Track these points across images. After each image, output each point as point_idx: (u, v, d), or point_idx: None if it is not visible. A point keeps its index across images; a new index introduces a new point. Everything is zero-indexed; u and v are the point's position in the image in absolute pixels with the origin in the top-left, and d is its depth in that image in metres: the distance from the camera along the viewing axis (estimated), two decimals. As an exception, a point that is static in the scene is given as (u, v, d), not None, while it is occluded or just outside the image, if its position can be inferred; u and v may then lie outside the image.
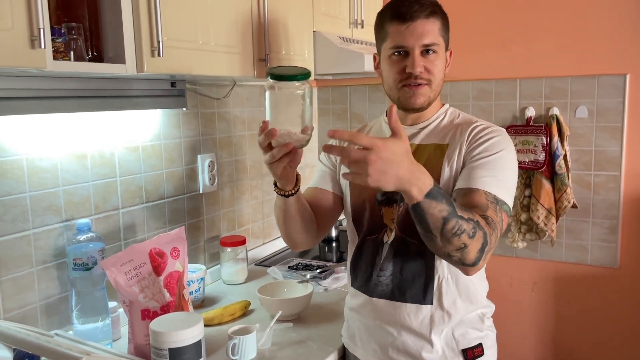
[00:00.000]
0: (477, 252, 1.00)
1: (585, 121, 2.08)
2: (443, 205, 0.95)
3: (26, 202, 1.30)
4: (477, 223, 0.99)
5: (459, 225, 0.96)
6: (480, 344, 1.21)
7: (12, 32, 0.91)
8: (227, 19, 1.41)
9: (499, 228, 1.05)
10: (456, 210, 0.97)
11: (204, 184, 1.85)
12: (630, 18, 1.98)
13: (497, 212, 1.05)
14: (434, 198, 0.95)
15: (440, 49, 1.17)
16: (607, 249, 2.11)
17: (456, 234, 0.97)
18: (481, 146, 1.13)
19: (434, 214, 0.95)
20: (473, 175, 1.10)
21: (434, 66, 1.16)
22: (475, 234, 0.98)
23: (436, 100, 1.24)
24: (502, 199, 1.08)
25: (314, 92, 2.58)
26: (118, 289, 1.23)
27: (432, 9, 1.15)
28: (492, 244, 1.02)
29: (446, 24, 1.19)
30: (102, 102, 1.37)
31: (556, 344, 2.26)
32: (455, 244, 0.98)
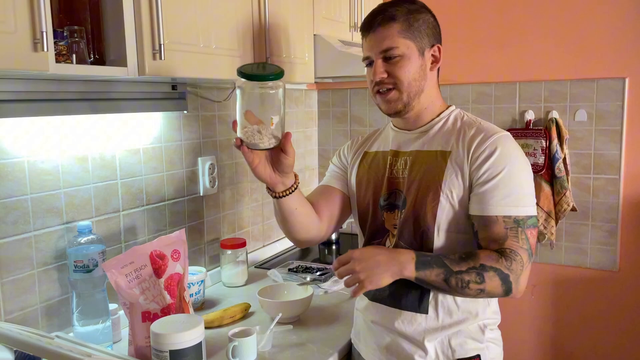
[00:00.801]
0: (501, 286, 1.08)
1: (585, 124, 2.09)
2: (436, 270, 1.07)
3: (27, 204, 1.30)
4: (482, 267, 1.06)
5: (460, 279, 1.06)
6: (479, 355, 1.18)
7: (14, 35, 0.92)
8: (228, 22, 1.41)
9: (523, 251, 1.09)
10: (451, 267, 1.07)
11: (204, 186, 1.86)
12: (629, 22, 1.99)
13: (518, 236, 1.09)
14: (424, 267, 1.07)
15: (406, 50, 1.15)
16: (606, 252, 2.11)
17: (463, 287, 1.07)
18: (485, 164, 1.11)
19: (433, 280, 1.07)
20: (486, 199, 1.10)
21: (398, 69, 1.15)
22: (483, 278, 1.06)
23: (431, 101, 1.22)
24: (523, 216, 1.10)
25: (314, 94, 2.59)
26: (119, 291, 1.24)
27: (390, 15, 1.15)
28: (516, 271, 1.08)
29: (414, 24, 1.16)
30: (103, 105, 1.38)
31: (555, 347, 2.26)
32: (469, 293, 1.08)
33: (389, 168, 1.25)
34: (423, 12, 1.20)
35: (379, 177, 1.26)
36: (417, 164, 1.20)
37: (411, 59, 1.16)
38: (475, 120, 1.22)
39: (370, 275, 1.07)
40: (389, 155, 1.26)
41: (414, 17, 1.17)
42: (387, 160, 1.26)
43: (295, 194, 1.21)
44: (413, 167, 1.20)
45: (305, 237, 1.31)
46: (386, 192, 1.24)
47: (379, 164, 1.28)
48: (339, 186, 1.35)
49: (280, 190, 1.19)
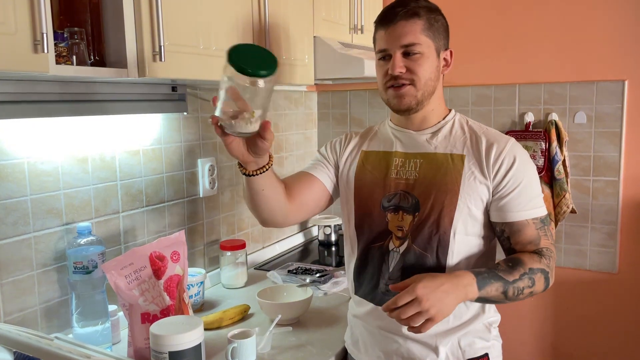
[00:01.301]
0: (544, 283, 1.15)
1: (584, 127, 2.09)
2: (495, 285, 1.09)
3: (27, 205, 1.30)
4: (531, 271, 1.12)
5: (516, 288, 1.10)
6: (487, 354, 1.21)
7: (15, 36, 0.92)
8: (228, 24, 1.42)
9: (553, 246, 1.19)
10: (506, 278, 1.10)
11: (204, 187, 1.86)
12: (628, 24, 1.99)
13: (547, 233, 1.18)
14: (484, 285, 1.08)
15: (427, 49, 1.16)
16: (605, 254, 2.11)
17: (519, 294, 1.11)
18: (508, 175, 1.15)
19: (494, 295, 1.09)
20: (514, 206, 1.16)
21: (418, 66, 1.15)
22: (533, 281, 1.12)
23: (438, 103, 1.23)
24: (544, 215, 1.18)
25: (314, 96, 2.59)
26: (118, 292, 1.24)
27: (414, 11, 1.15)
28: (552, 266, 1.16)
29: (436, 25, 1.18)
30: (103, 106, 1.38)
31: (555, 349, 2.26)
32: (522, 298, 1.13)
33: (395, 169, 1.23)
34: (440, 14, 1.22)
35: (382, 178, 1.24)
36: (430, 166, 1.20)
37: (430, 58, 1.17)
38: (481, 127, 1.24)
39: (441, 308, 1.01)
40: (394, 157, 1.25)
41: (435, 17, 1.19)
42: (393, 160, 1.24)
43: (266, 173, 1.15)
44: (426, 169, 1.20)
45: (268, 218, 1.26)
46: (391, 193, 1.22)
47: (382, 164, 1.26)
48: (320, 177, 1.32)
49: (252, 169, 1.13)
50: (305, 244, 2.45)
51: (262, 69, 0.95)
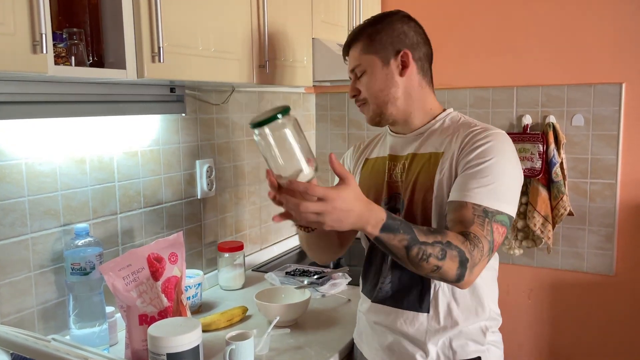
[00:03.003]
0: (457, 269, 1.02)
1: (582, 129, 2.10)
2: (402, 236, 1.00)
3: (25, 206, 1.30)
4: (447, 244, 1.01)
5: (422, 250, 1.00)
6: (479, 357, 1.19)
7: (14, 37, 0.92)
8: (227, 25, 1.42)
9: (486, 241, 1.05)
10: (417, 237, 1.01)
11: (202, 189, 1.86)
12: (626, 27, 2.00)
13: (484, 226, 1.05)
14: (390, 231, 1.00)
15: (369, 66, 1.21)
16: (603, 257, 2.12)
17: (422, 259, 1.01)
18: (473, 152, 1.11)
19: (394, 245, 1.01)
20: (464, 186, 1.09)
21: (362, 85, 1.24)
22: (445, 255, 1.01)
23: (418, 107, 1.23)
24: (494, 209, 1.07)
25: (312, 98, 2.59)
26: (116, 293, 1.23)
27: (354, 37, 1.24)
28: (474, 258, 1.03)
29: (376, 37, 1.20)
30: (101, 107, 1.37)
31: (552, 351, 2.26)
32: (425, 267, 1.02)
33: (388, 172, 1.27)
34: (389, 22, 1.21)
35: (379, 182, 1.28)
36: (412, 166, 1.22)
37: (374, 72, 1.21)
38: (472, 121, 1.23)
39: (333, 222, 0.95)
40: (387, 160, 1.28)
41: (375, 30, 1.21)
42: (386, 164, 1.28)
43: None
44: (409, 169, 1.22)
45: (326, 259, 1.43)
46: (387, 196, 1.26)
47: (379, 169, 1.30)
48: None
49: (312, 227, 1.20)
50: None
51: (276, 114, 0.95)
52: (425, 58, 1.24)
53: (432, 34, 1.31)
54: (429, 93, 1.25)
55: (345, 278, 1.83)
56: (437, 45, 1.32)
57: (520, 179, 1.15)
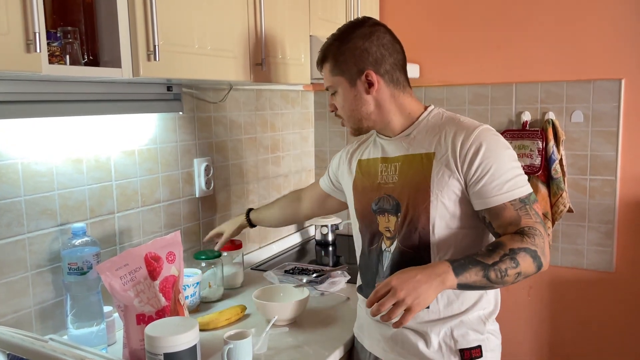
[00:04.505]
0: (534, 264, 1.10)
1: (581, 126, 2.09)
2: (474, 270, 1.07)
3: (21, 206, 1.29)
4: (512, 251, 1.09)
5: (497, 270, 1.08)
6: (480, 346, 1.22)
7: (7, 36, 0.91)
8: (224, 23, 1.41)
9: (539, 225, 1.14)
10: (486, 262, 1.08)
11: (200, 188, 1.85)
12: (625, 23, 1.99)
13: (529, 212, 1.14)
14: (462, 271, 1.07)
15: (339, 86, 1.25)
16: (602, 253, 2.12)
17: (503, 277, 1.08)
18: (475, 162, 1.15)
19: (475, 280, 1.07)
20: (488, 192, 1.15)
21: (337, 103, 1.28)
22: (517, 261, 1.08)
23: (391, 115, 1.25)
24: (524, 195, 1.15)
25: (310, 96, 2.59)
26: (113, 293, 1.23)
27: (322, 56, 1.28)
28: (540, 246, 1.11)
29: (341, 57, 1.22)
30: (98, 106, 1.37)
31: (552, 348, 2.26)
32: (509, 280, 1.09)
33: (380, 174, 1.29)
34: (352, 40, 1.21)
35: (372, 184, 1.31)
36: (405, 168, 1.24)
37: (344, 92, 1.25)
38: (454, 117, 1.24)
39: (417, 297, 1.03)
40: (379, 162, 1.31)
41: (340, 51, 1.23)
42: (378, 166, 1.30)
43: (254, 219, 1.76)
44: (402, 171, 1.25)
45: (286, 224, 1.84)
46: (377, 197, 1.28)
47: (371, 171, 1.32)
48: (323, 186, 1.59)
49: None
50: (302, 244, 2.44)
51: None
52: (394, 67, 1.23)
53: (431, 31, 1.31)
54: (404, 98, 1.26)
55: (344, 276, 1.82)
56: (435, 42, 1.32)
57: (516, 157, 1.22)
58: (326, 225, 2.37)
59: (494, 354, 1.26)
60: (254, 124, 2.14)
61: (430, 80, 2.31)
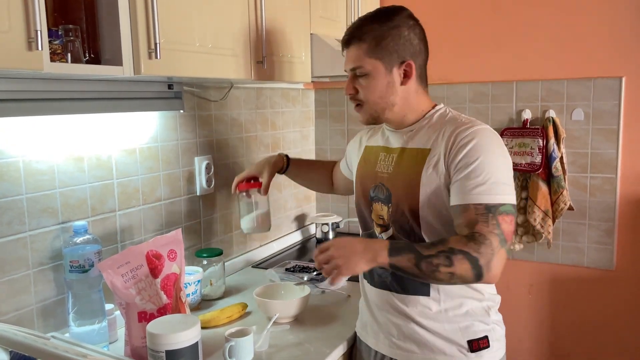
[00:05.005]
0: (472, 270, 1.09)
1: (582, 124, 2.09)
2: (408, 255, 1.10)
3: (22, 204, 1.29)
4: (451, 250, 1.09)
5: (429, 263, 1.09)
6: (486, 336, 1.24)
7: (9, 34, 0.91)
8: (225, 21, 1.41)
9: (494, 235, 1.09)
10: (422, 252, 1.10)
11: (201, 186, 1.85)
12: (625, 21, 1.99)
13: (489, 221, 1.10)
14: (397, 253, 1.11)
15: (373, 70, 1.21)
16: (603, 251, 2.12)
17: (434, 271, 1.09)
18: (460, 154, 1.15)
19: (406, 266, 1.11)
20: (461, 190, 1.14)
21: (363, 88, 1.23)
22: (451, 261, 1.08)
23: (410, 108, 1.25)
24: (493, 203, 1.11)
25: (311, 94, 2.59)
26: (115, 291, 1.23)
27: (359, 35, 1.21)
28: (485, 255, 1.08)
29: (383, 42, 1.19)
30: (99, 104, 1.37)
31: (552, 346, 2.26)
32: (440, 277, 1.10)
33: (379, 162, 1.31)
34: (396, 26, 1.20)
35: (370, 170, 1.33)
36: (400, 161, 1.26)
37: (377, 77, 1.22)
38: (458, 116, 1.25)
39: (347, 262, 1.13)
40: (380, 151, 1.33)
41: (383, 35, 1.20)
42: (378, 155, 1.33)
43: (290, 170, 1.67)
44: (397, 163, 1.26)
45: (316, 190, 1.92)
46: (373, 185, 1.31)
47: (372, 158, 1.35)
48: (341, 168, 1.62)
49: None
50: (302, 242, 2.44)
51: None
52: (424, 64, 1.26)
53: (431, 29, 1.31)
54: (423, 95, 1.28)
55: (345, 274, 1.82)
56: (436, 40, 1.32)
57: (508, 165, 1.18)
58: (327, 224, 2.38)
59: (500, 344, 1.28)
60: (254, 122, 2.14)
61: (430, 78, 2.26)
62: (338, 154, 2.54)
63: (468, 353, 1.22)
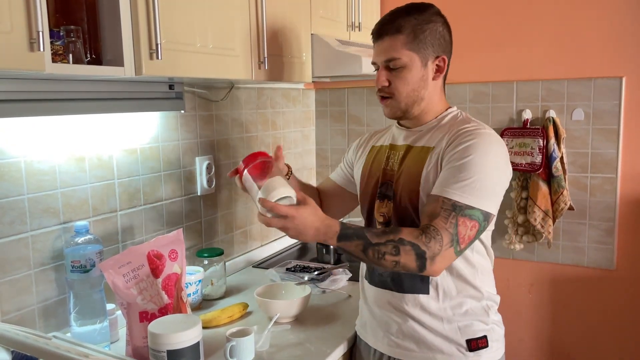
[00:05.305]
0: (415, 261, 1.10)
1: (582, 124, 2.09)
2: (357, 242, 1.12)
3: (24, 204, 1.30)
4: (400, 240, 1.10)
5: (376, 250, 1.11)
6: (485, 336, 1.25)
7: (11, 35, 0.91)
8: (226, 21, 1.41)
9: (447, 233, 1.10)
10: (371, 240, 1.11)
11: (201, 186, 1.86)
12: (625, 21, 1.99)
13: (448, 219, 1.11)
14: (346, 239, 1.13)
15: (409, 62, 1.21)
16: (603, 251, 2.12)
17: (379, 258, 1.11)
18: (455, 149, 1.16)
19: (353, 251, 1.13)
20: (442, 182, 1.15)
21: (399, 80, 1.22)
22: (398, 250, 1.10)
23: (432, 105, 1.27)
24: (464, 204, 1.11)
25: (312, 94, 2.59)
26: (116, 291, 1.24)
27: (397, 26, 1.20)
28: (432, 249, 1.10)
29: (420, 35, 1.20)
30: (100, 105, 1.37)
31: (553, 346, 2.27)
32: (385, 264, 1.12)
33: (387, 160, 1.32)
34: (432, 21, 1.22)
35: (378, 169, 1.33)
36: (406, 158, 1.27)
37: (412, 70, 1.22)
38: (468, 119, 1.26)
39: (297, 235, 1.12)
40: (388, 149, 1.34)
41: (421, 28, 1.21)
42: (387, 153, 1.34)
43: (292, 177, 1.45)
44: (402, 160, 1.28)
45: None
46: (381, 182, 1.31)
47: (380, 157, 1.35)
48: (338, 181, 1.54)
49: None
50: (303, 242, 2.45)
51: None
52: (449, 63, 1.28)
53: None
54: (442, 93, 1.31)
55: (345, 274, 1.83)
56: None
57: (502, 177, 1.18)
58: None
59: (499, 344, 1.28)
60: (255, 123, 2.15)
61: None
62: (338, 154, 2.55)
63: (466, 352, 1.23)
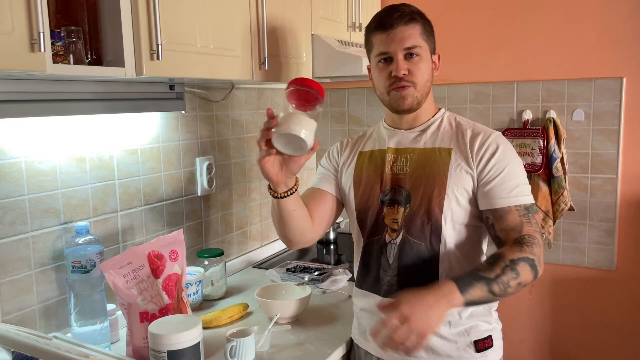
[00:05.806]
0: (531, 272, 1.13)
1: (582, 124, 2.09)
2: (479, 285, 1.07)
3: (25, 204, 1.30)
4: (512, 262, 1.10)
5: (500, 283, 1.09)
6: (490, 336, 1.26)
7: (12, 35, 0.91)
8: (226, 22, 1.41)
9: (537, 234, 1.17)
10: (489, 276, 1.08)
11: (202, 186, 1.86)
12: (626, 21, 1.99)
13: (531, 221, 1.17)
14: (468, 288, 1.06)
15: (424, 52, 1.24)
16: (603, 252, 2.12)
17: (506, 289, 1.09)
18: (490, 162, 1.20)
19: (481, 296, 1.08)
20: (497, 193, 1.18)
21: (418, 69, 1.22)
22: (517, 272, 1.10)
23: (429, 102, 1.30)
24: (529, 204, 1.19)
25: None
26: (116, 291, 1.24)
27: (410, 16, 1.23)
28: (538, 254, 1.14)
29: (428, 29, 1.26)
30: (101, 105, 1.37)
31: (553, 346, 2.27)
32: (511, 291, 1.11)
33: (389, 165, 1.30)
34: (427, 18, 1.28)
35: (378, 174, 1.31)
36: (420, 161, 1.26)
37: (426, 60, 1.25)
38: (468, 122, 1.30)
39: (429, 322, 1.00)
40: (387, 153, 1.31)
41: (427, 21, 1.26)
42: (386, 157, 1.31)
43: (294, 195, 1.24)
44: (415, 163, 1.26)
45: (298, 239, 1.33)
46: (387, 188, 1.28)
47: (377, 161, 1.32)
48: (328, 189, 1.39)
49: (282, 191, 1.22)
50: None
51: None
52: None
53: (432, 29, 1.31)
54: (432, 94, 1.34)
55: (345, 274, 1.83)
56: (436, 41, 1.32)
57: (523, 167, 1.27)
58: (328, 224, 2.37)
59: (500, 342, 1.30)
60: (255, 123, 2.15)
61: (431, 78, 2.31)
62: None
63: (474, 354, 1.23)
